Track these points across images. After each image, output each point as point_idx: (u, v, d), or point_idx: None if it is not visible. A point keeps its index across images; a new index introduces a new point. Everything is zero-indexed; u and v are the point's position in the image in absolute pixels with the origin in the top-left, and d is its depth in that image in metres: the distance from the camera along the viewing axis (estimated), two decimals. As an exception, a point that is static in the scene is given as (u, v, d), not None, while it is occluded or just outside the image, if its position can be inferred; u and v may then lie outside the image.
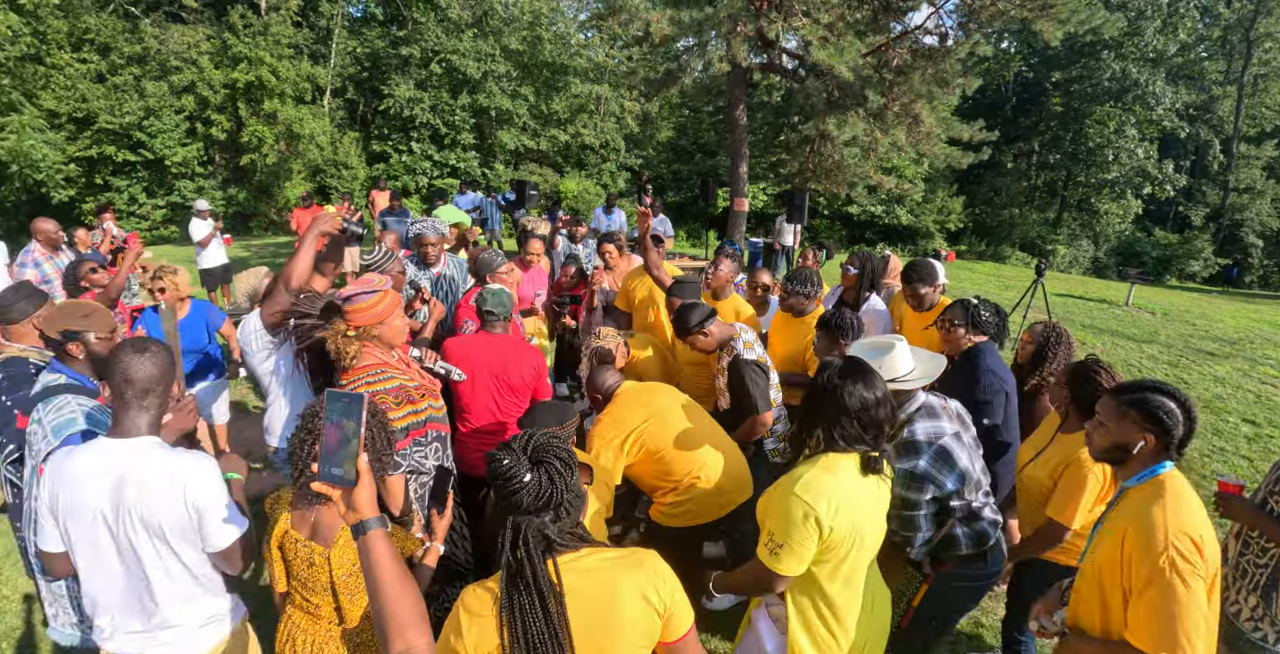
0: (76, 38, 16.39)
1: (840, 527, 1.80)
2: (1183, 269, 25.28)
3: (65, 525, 1.80)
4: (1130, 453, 1.81)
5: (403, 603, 1.23)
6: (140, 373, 1.80)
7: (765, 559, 1.86)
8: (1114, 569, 1.74)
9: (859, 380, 1.87)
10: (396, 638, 1.20)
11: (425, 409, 2.47)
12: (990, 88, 27.66)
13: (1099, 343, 9.52)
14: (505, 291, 3.32)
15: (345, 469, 1.28)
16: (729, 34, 9.27)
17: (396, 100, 19.26)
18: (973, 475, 2.31)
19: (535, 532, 1.36)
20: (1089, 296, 14.19)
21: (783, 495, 1.84)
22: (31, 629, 3.35)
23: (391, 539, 1.32)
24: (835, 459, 1.87)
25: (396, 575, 1.26)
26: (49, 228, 5.79)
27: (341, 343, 2.37)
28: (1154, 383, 1.83)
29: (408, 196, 19.52)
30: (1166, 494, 1.73)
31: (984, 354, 3.15)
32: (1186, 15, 24.95)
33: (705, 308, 3.33)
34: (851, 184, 13.26)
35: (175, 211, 17.63)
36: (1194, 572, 1.62)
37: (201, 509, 1.79)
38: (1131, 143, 24.57)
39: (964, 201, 24.96)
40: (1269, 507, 2.30)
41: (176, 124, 17.18)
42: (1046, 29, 9.11)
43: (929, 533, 2.30)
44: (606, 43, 20.95)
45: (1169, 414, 1.76)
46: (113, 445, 1.80)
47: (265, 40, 17.33)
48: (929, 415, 2.32)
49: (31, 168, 12.78)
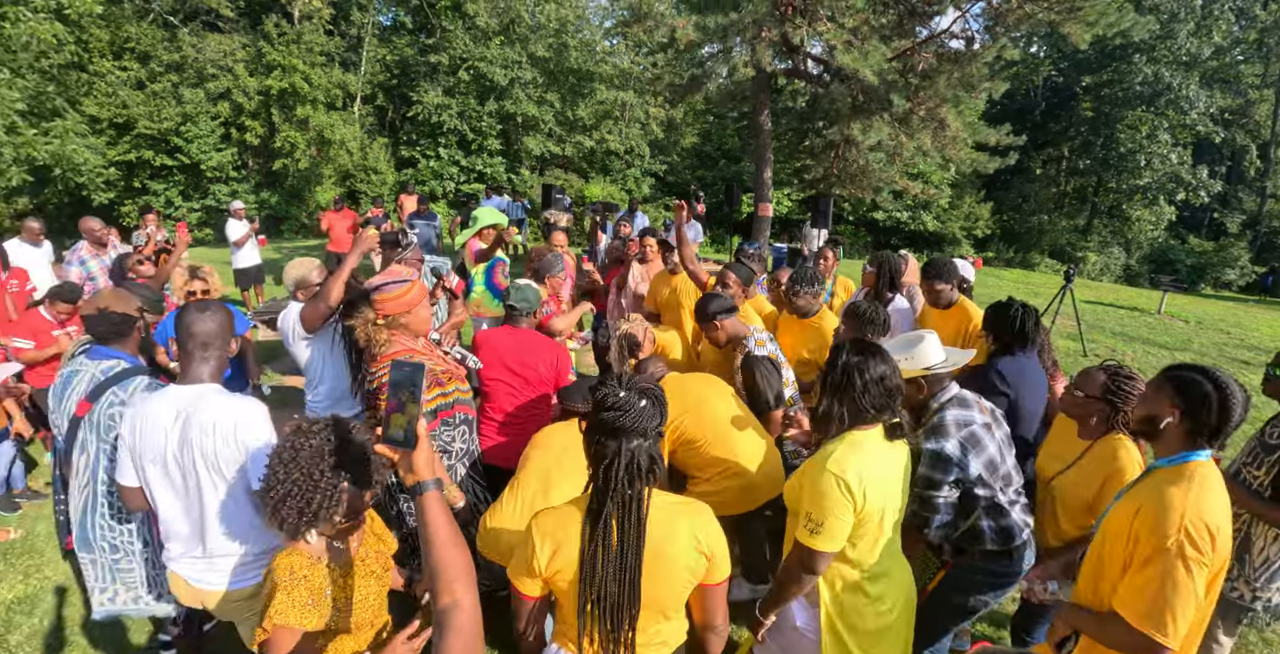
0: (118, 46, 16.92)
1: (871, 499, 1.89)
2: (1218, 277, 24.63)
3: (140, 462, 2.02)
4: (1158, 427, 1.80)
5: (454, 561, 1.32)
6: (202, 328, 2.03)
7: (806, 540, 1.92)
8: (1119, 542, 1.75)
9: (874, 353, 1.98)
10: (445, 591, 1.29)
11: (453, 392, 2.56)
12: (1019, 93, 27.30)
13: (1129, 350, 9.36)
14: (532, 287, 3.38)
15: (405, 433, 1.40)
16: (754, 39, 9.31)
17: (425, 107, 19.57)
18: (1001, 467, 2.33)
19: (644, 454, 1.55)
20: (1120, 304, 13.95)
21: (816, 473, 1.92)
22: (65, 608, 3.47)
23: (445, 500, 1.43)
24: (859, 436, 1.95)
25: (449, 534, 1.36)
26: (95, 226, 6.03)
27: (372, 331, 2.46)
28: (1204, 367, 1.81)
29: (435, 201, 19.80)
30: (1194, 480, 1.71)
31: (1000, 357, 3.13)
32: (1221, 18, 24.38)
33: (727, 301, 3.37)
34: (876, 189, 13.19)
35: (210, 215, 18.08)
36: (1200, 560, 1.60)
37: (249, 447, 1.98)
38: (1164, 148, 24.06)
39: (991, 208, 24.65)
40: (1242, 477, 2.54)
41: (212, 130, 17.64)
42: (1074, 32, 9.00)
43: (947, 516, 2.32)
44: (632, 49, 21.09)
45: (1202, 394, 1.73)
46: (178, 391, 2.04)
47: (298, 48, 17.73)
48: (961, 404, 2.36)
49: (73, 171, 13.18)
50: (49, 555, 3.93)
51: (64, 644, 3.24)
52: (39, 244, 6.52)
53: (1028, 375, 3.07)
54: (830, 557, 1.94)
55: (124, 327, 2.64)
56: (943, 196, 15.42)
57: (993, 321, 3.19)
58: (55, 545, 4.03)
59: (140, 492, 2.09)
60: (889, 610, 2.03)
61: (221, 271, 11.84)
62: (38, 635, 3.29)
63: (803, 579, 1.99)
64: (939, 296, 4.03)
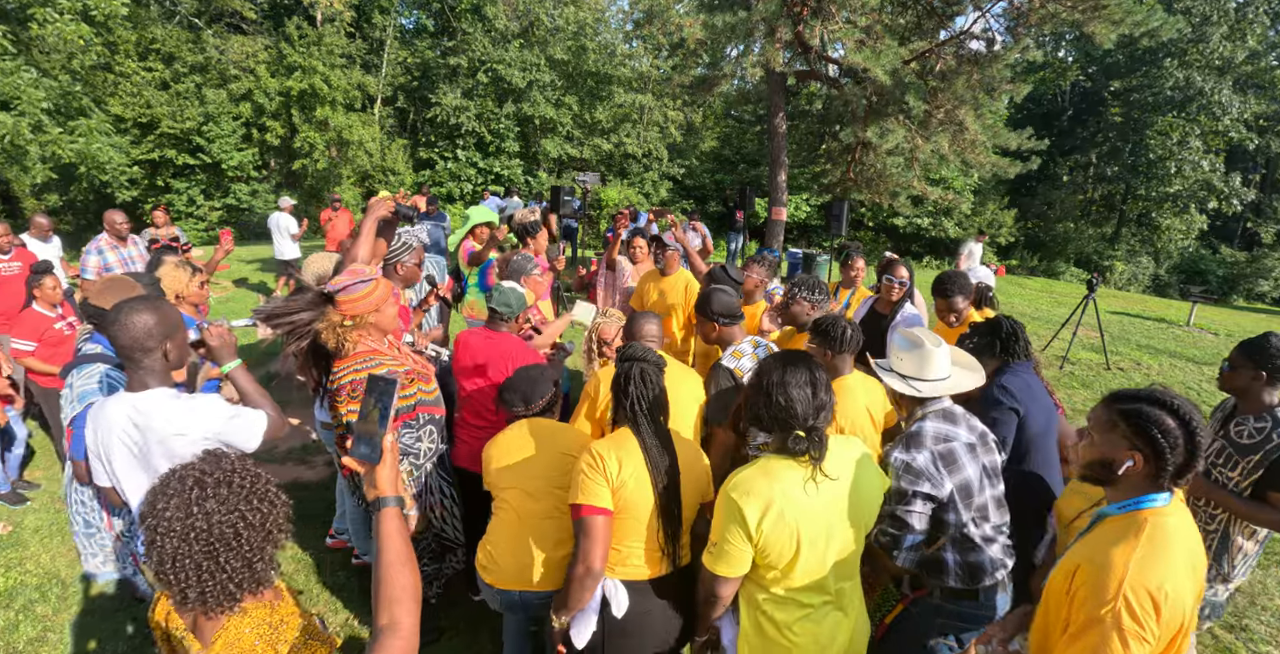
0: (143, 47, 17.23)
1: (771, 529, 1.74)
2: (1250, 289, 23.86)
3: (109, 465, 2.00)
4: (1115, 472, 1.53)
5: (398, 580, 1.29)
6: (125, 336, 1.91)
7: (706, 561, 1.85)
8: (1060, 601, 1.54)
9: (795, 365, 1.85)
10: (384, 610, 1.26)
11: (415, 394, 2.47)
12: (1046, 97, 26.83)
13: (1155, 363, 9.06)
14: (515, 291, 3.26)
15: (372, 448, 1.42)
16: (765, 38, 9.18)
17: (444, 109, 19.68)
18: (977, 497, 2.12)
19: (651, 372, 2.11)
20: (1147, 315, 13.56)
21: (720, 494, 1.83)
22: (41, 604, 3.44)
23: (403, 519, 1.40)
24: (775, 462, 1.81)
25: (399, 554, 1.33)
26: (117, 219, 6.11)
27: (340, 332, 2.37)
28: (1158, 393, 1.53)
29: (452, 203, 19.89)
30: (1142, 535, 1.46)
31: (1003, 372, 2.90)
32: (1256, 21, 23.70)
33: (731, 304, 3.15)
34: (894, 193, 12.95)
35: (231, 213, 18.32)
36: (1140, 635, 1.38)
37: (220, 432, 2.00)
38: (1196, 155, 23.42)
39: (1015, 215, 24.18)
40: (1213, 476, 2.49)
41: (234, 130, 17.90)
42: (1099, 31, 8.75)
43: (920, 536, 2.09)
44: (651, 52, 21.06)
45: (1165, 432, 1.47)
46: (131, 399, 1.97)
47: (319, 50, 17.94)
48: (945, 418, 2.18)
49: (98, 169, 13.42)
50: (32, 550, 3.90)
51: (39, 637, 3.21)
52: (48, 239, 6.60)
53: (1034, 388, 2.85)
54: (731, 582, 1.84)
55: (100, 319, 2.63)
56: (964, 202, 15.04)
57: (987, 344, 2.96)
58: (41, 540, 4.02)
59: (114, 491, 2.07)
60: (803, 650, 1.85)
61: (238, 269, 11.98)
62: (12, 627, 3.25)
63: (711, 600, 1.90)
64: (961, 314, 3.79)
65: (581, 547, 1.96)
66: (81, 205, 17.43)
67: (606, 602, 2.04)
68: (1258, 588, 3.96)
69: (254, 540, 1.24)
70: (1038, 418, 2.77)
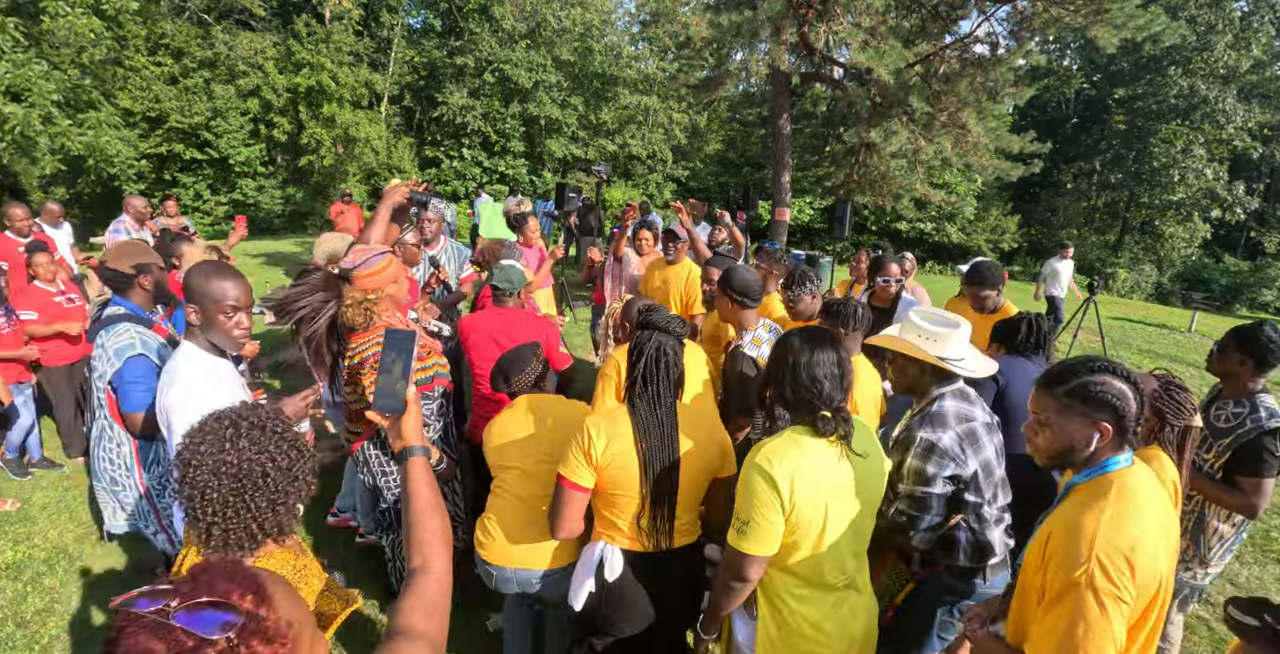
0: (153, 42, 17.32)
1: (803, 500, 1.68)
2: (1254, 298, 23.80)
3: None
4: (1085, 451, 1.53)
5: (428, 524, 1.34)
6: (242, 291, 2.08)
7: (733, 540, 1.75)
8: (1035, 571, 1.53)
9: (820, 341, 1.80)
10: (416, 552, 1.30)
11: (433, 366, 2.54)
12: (1050, 104, 26.91)
13: (1155, 367, 9.08)
14: (515, 268, 3.34)
15: (396, 399, 1.46)
16: (769, 37, 9.25)
17: (450, 108, 19.79)
18: (995, 473, 2.15)
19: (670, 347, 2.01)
20: (1149, 321, 13.59)
21: (745, 466, 1.76)
22: (49, 576, 3.50)
23: (429, 467, 1.45)
24: (804, 435, 1.76)
25: (428, 500, 1.38)
26: (138, 204, 6.57)
27: (366, 306, 2.42)
28: (1086, 363, 1.54)
29: (456, 201, 19.98)
30: (1110, 496, 1.46)
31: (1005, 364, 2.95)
32: (1261, 30, 23.76)
33: (750, 282, 3.03)
34: (897, 195, 13.01)
35: (237, 208, 18.41)
36: (1115, 594, 1.36)
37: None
38: (1200, 163, 23.44)
39: (1019, 221, 24.21)
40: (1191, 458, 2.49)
41: (241, 125, 17.99)
42: (1102, 35, 8.80)
43: (939, 517, 2.10)
44: (657, 54, 21.15)
45: (1119, 395, 1.47)
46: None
47: (327, 48, 18.04)
48: (962, 397, 2.17)
49: (106, 162, 13.52)
50: (40, 525, 3.96)
51: (47, 608, 3.26)
52: (59, 225, 6.71)
53: (1027, 371, 2.87)
54: (761, 562, 1.74)
55: (117, 281, 2.73)
56: (968, 207, 15.05)
57: (1003, 333, 3.05)
58: (49, 516, 4.07)
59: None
60: (828, 637, 1.80)
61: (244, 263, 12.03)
62: (20, 598, 3.31)
63: (732, 587, 1.79)
64: (984, 302, 3.86)
65: (551, 509, 2.06)
66: (89, 199, 17.51)
67: (603, 564, 2.05)
68: (1255, 584, 4.00)
69: (280, 483, 1.31)
70: (1020, 388, 2.80)
